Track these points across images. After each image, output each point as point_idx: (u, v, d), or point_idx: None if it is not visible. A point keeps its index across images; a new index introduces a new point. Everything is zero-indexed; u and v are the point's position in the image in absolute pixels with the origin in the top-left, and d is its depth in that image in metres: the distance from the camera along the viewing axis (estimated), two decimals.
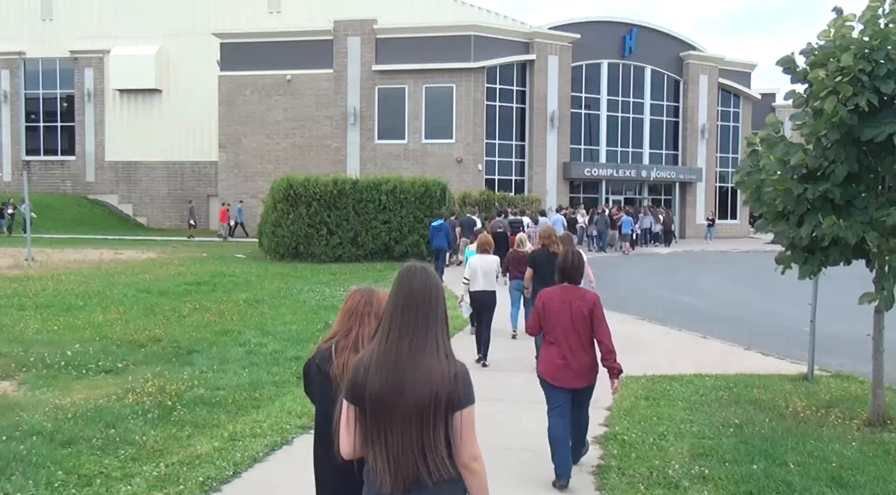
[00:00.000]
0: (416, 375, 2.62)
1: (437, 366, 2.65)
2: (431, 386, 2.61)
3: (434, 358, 2.66)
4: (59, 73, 45.27)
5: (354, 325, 3.29)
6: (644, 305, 15.48)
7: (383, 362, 2.66)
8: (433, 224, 20.61)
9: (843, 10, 6.77)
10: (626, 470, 5.95)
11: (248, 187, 37.91)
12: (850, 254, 6.92)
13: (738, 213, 45.48)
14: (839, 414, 7.67)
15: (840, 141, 6.57)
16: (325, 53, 36.89)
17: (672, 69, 42.18)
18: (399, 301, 2.73)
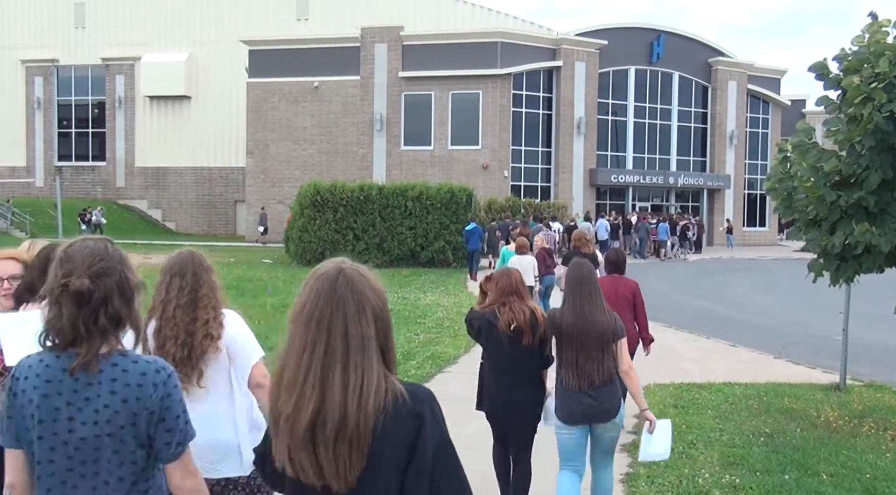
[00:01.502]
0: (594, 321, 4.51)
1: (604, 317, 4.58)
2: (605, 326, 4.55)
3: (602, 312, 4.58)
4: (90, 80, 45.98)
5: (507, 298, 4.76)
6: (672, 312, 15.37)
7: (571, 313, 4.57)
8: (466, 228, 22.25)
9: (878, 16, 6.70)
10: (656, 479, 5.90)
11: (275, 193, 38.17)
12: (884, 261, 6.83)
13: (766, 221, 44.98)
14: (872, 424, 7.56)
15: (874, 147, 6.49)
16: (353, 60, 37.10)
17: (700, 75, 41.87)
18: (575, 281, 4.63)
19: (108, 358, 2.13)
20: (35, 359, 2.15)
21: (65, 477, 2.11)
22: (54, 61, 45.85)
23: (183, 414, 2.22)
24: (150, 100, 44.89)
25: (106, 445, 2.11)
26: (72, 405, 2.10)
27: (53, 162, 45.92)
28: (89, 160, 46.36)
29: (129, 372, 2.13)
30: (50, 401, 2.09)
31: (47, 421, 2.10)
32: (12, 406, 2.14)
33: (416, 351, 10.82)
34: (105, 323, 2.12)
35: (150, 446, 2.16)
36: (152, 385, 2.14)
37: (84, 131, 46.52)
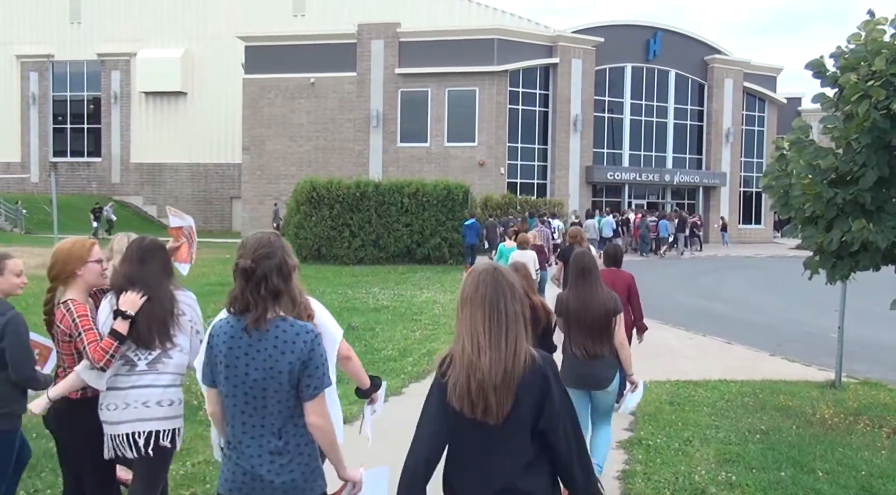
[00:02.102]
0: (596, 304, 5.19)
1: (604, 297, 5.29)
2: (605, 306, 5.28)
3: (602, 294, 5.26)
4: (86, 75, 45.86)
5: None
6: (668, 310, 15.37)
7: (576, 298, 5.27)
8: (465, 223, 22.98)
9: (875, 13, 6.69)
10: (652, 476, 5.91)
11: (271, 189, 38.12)
12: (881, 259, 6.83)
13: (762, 218, 45.07)
14: (868, 421, 7.57)
15: (871, 145, 6.49)
16: (349, 56, 37.04)
17: (697, 73, 41.90)
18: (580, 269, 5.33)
19: (272, 321, 2.89)
20: (224, 320, 2.96)
21: (243, 408, 2.90)
22: (50, 57, 45.70)
23: (322, 366, 2.93)
24: (146, 95, 44.78)
25: (270, 386, 2.86)
26: (247, 355, 2.88)
27: (49, 158, 45.80)
28: (85, 156, 46.25)
29: (287, 332, 2.89)
30: (232, 352, 2.89)
31: (230, 366, 2.88)
32: (208, 355, 2.97)
33: (413, 347, 10.82)
34: (266, 294, 2.88)
35: (297, 387, 2.88)
36: (303, 342, 2.88)
37: (79, 127, 46.40)
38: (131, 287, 3.72)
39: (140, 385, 3.70)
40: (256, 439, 2.90)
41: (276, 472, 2.88)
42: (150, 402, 3.68)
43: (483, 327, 2.63)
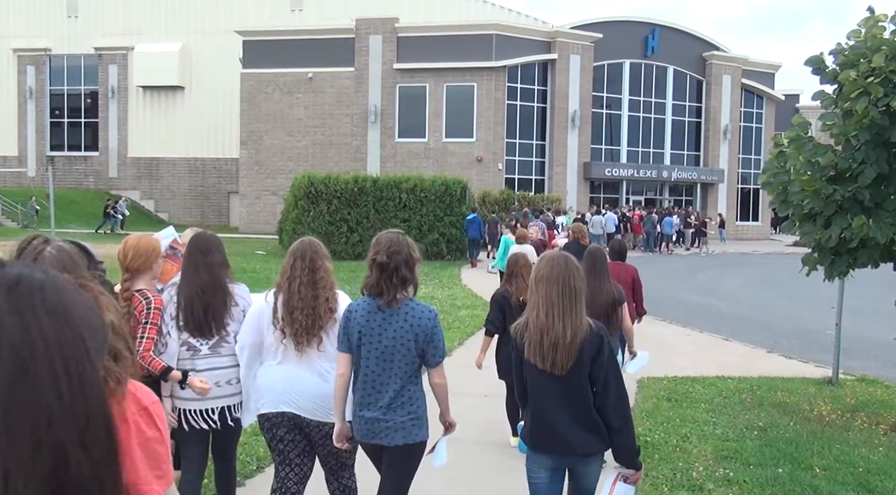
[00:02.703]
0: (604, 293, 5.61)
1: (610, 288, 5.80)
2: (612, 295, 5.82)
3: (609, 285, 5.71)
4: (83, 69, 45.71)
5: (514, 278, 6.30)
6: (665, 307, 15.39)
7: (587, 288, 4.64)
8: (468, 217, 23.51)
9: (875, 10, 6.69)
10: (650, 472, 5.91)
11: (268, 184, 38.07)
12: (879, 256, 6.84)
13: (759, 215, 45.12)
14: (864, 418, 7.59)
15: (870, 142, 6.49)
16: (347, 51, 36.98)
17: (695, 69, 41.89)
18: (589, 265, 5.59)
19: (401, 301, 3.69)
20: (361, 301, 3.75)
21: (374, 368, 3.71)
22: (47, 50, 45.54)
23: (442, 339, 3.78)
24: (144, 90, 44.66)
25: (398, 351, 3.68)
26: (381, 327, 3.68)
27: (45, 152, 45.66)
28: (82, 150, 46.11)
29: (414, 310, 3.70)
30: (368, 324, 3.69)
31: (366, 336, 3.69)
32: (346, 327, 3.75)
33: None
34: (397, 281, 3.67)
35: (422, 356, 3.72)
36: (427, 319, 3.70)
37: (76, 121, 46.26)
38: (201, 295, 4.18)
39: (206, 368, 4.18)
40: (383, 393, 3.69)
41: (395, 418, 3.68)
42: (221, 382, 4.20)
43: (556, 299, 3.47)
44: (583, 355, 3.44)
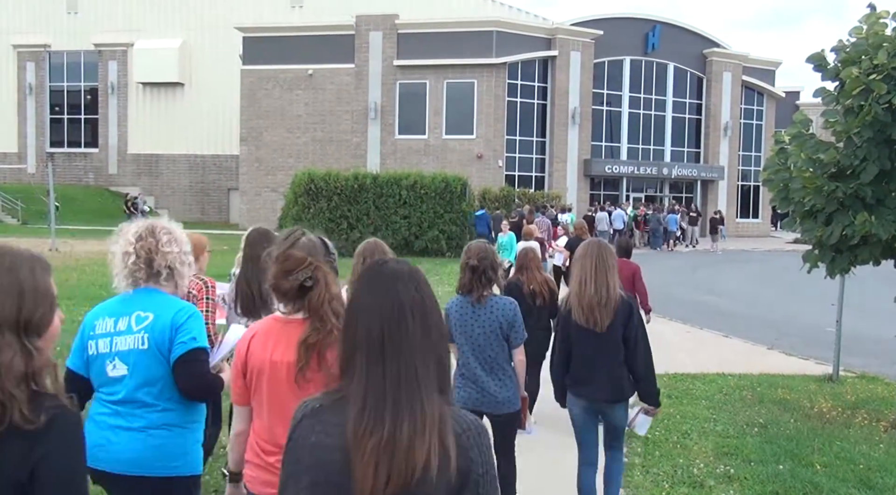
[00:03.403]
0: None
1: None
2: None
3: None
4: (83, 65, 45.63)
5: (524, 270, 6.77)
6: (666, 303, 15.39)
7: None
8: (476, 214, 24.09)
9: (876, 7, 6.68)
10: (651, 468, 5.92)
11: (268, 181, 38.04)
12: (880, 253, 6.84)
13: (759, 212, 45.10)
14: (865, 415, 7.59)
15: (872, 139, 6.49)
16: (347, 48, 36.92)
17: (695, 66, 41.84)
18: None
19: (487, 297, 4.51)
20: (456, 299, 4.60)
21: (472, 353, 4.53)
22: (46, 47, 45.46)
23: (521, 324, 4.55)
24: (143, 86, 44.60)
25: (489, 338, 4.49)
26: (473, 319, 4.52)
27: (45, 148, 45.59)
28: (81, 146, 46.05)
29: (497, 304, 4.52)
30: (462, 318, 4.53)
31: (460, 327, 4.53)
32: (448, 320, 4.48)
33: None
34: (484, 281, 4.49)
35: (507, 339, 4.51)
36: (509, 310, 4.51)
37: (76, 117, 46.21)
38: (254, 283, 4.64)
39: None
40: (483, 372, 4.52)
41: (497, 390, 4.52)
42: None
43: (591, 272, 4.48)
44: (616, 317, 4.47)
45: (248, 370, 2.73)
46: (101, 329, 3.04)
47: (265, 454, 2.69)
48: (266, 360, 2.66)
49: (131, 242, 3.12)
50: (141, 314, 3.03)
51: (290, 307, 2.69)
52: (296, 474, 1.76)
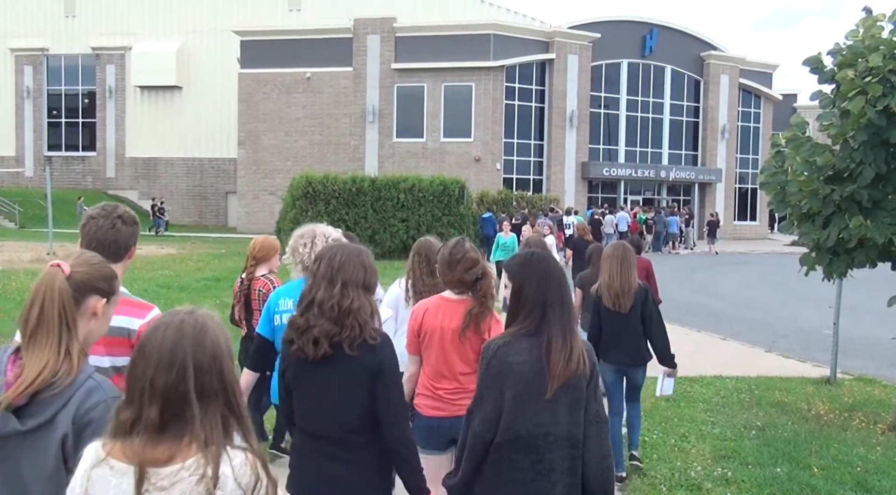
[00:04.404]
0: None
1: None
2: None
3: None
4: (81, 69, 45.64)
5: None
6: (663, 306, 15.38)
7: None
8: (483, 216, 24.97)
9: (872, 10, 6.69)
10: (648, 471, 5.92)
11: (266, 184, 38.05)
12: (877, 255, 6.84)
13: (757, 215, 45.15)
14: (863, 418, 7.60)
15: (868, 142, 6.50)
16: (345, 51, 36.95)
17: (692, 69, 41.91)
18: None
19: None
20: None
21: None
22: (44, 50, 45.46)
23: None
24: (141, 90, 44.59)
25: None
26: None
27: (43, 152, 45.58)
28: (79, 150, 46.04)
29: None
30: None
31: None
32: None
33: None
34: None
35: None
36: None
37: (74, 121, 46.20)
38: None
39: None
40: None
41: None
42: None
43: (616, 267, 5.65)
44: (636, 301, 5.64)
45: (421, 332, 3.89)
46: (283, 306, 4.07)
47: (433, 388, 3.87)
48: (437, 326, 3.83)
49: (298, 241, 4.29)
50: None
51: (459, 291, 3.89)
52: (492, 386, 2.88)
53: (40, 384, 2.00)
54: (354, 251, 3.09)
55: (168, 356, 1.76)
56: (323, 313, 2.90)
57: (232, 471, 1.74)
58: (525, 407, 2.82)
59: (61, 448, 1.99)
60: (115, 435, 1.77)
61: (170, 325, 1.82)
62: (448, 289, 3.93)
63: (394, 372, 2.97)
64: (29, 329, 2.06)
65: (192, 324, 1.82)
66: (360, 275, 3.00)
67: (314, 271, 3.07)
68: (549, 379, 2.81)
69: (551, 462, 2.81)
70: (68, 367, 2.05)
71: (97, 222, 2.95)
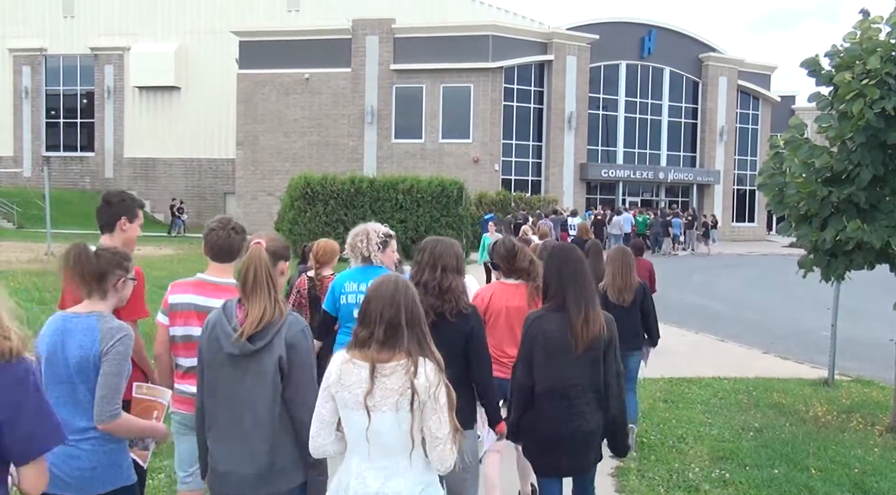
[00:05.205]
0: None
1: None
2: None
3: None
4: (79, 69, 45.58)
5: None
6: (661, 307, 15.40)
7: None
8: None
9: (869, 13, 6.70)
10: (646, 473, 5.92)
11: (265, 185, 38.03)
12: (875, 258, 6.85)
13: (755, 216, 45.18)
14: (860, 419, 7.61)
15: (866, 144, 6.51)
16: (344, 52, 36.94)
17: (691, 71, 41.93)
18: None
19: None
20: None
21: None
22: (42, 50, 45.40)
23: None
24: (140, 90, 44.54)
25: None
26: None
27: (41, 152, 45.48)
28: (78, 150, 45.97)
29: None
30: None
31: None
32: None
33: None
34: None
35: None
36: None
37: (72, 121, 46.13)
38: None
39: None
40: None
41: None
42: None
43: (619, 268, 6.50)
44: (636, 296, 6.50)
45: (488, 311, 4.88)
46: (349, 288, 4.86)
47: (498, 356, 4.64)
48: (502, 306, 4.92)
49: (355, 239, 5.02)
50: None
51: (517, 278, 5.04)
52: (529, 347, 3.85)
53: (263, 322, 3.04)
54: (448, 243, 4.15)
55: (390, 299, 2.85)
56: (428, 291, 3.85)
57: (424, 370, 2.77)
58: (556, 364, 3.76)
59: (278, 364, 3.05)
60: (354, 346, 2.87)
61: (390, 281, 2.93)
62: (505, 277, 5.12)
63: (482, 334, 3.99)
64: (248, 286, 3.10)
65: (402, 282, 2.95)
66: (454, 262, 4.04)
67: (419, 260, 4.08)
68: (574, 343, 3.74)
69: (581, 405, 3.77)
70: (279, 310, 3.11)
71: (217, 233, 3.91)
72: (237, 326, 3.06)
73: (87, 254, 3.23)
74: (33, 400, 2.21)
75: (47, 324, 3.16)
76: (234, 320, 3.10)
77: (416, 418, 2.75)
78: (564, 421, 3.72)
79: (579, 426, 3.73)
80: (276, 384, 3.04)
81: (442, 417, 2.77)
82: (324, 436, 2.91)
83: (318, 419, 2.91)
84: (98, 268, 3.20)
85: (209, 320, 3.21)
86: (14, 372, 2.18)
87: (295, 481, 3.11)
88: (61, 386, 3.04)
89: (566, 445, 3.78)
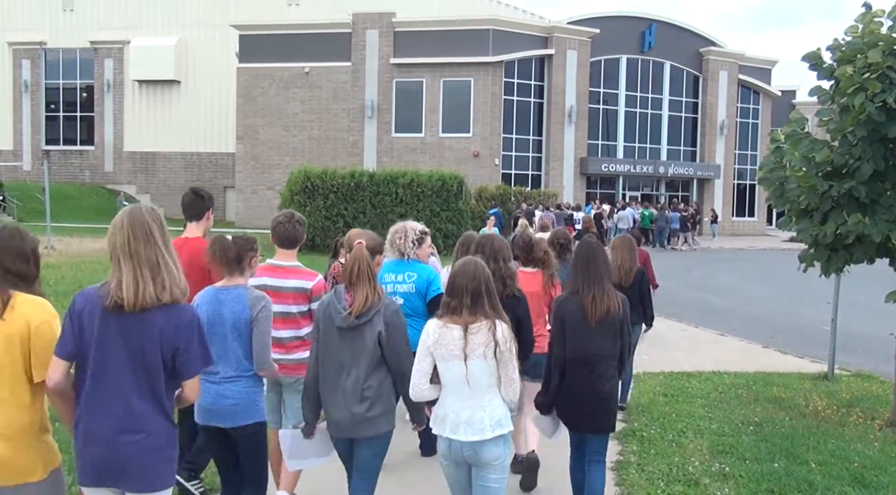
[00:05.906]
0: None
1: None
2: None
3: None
4: (79, 63, 45.54)
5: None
6: (661, 301, 15.40)
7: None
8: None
9: (871, 6, 6.68)
10: (646, 467, 5.92)
11: (264, 179, 38.01)
12: (875, 252, 6.84)
13: (755, 211, 45.17)
14: (860, 413, 7.61)
15: (867, 138, 6.49)
16: (344, 46, 36.89)
17: (691, 65, 41.87)
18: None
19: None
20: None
21: None
22: (42, 44, 45.35)
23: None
24: (139, 84, 44.51)
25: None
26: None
27: (41, 146, 45.50)
28: (77, 144, 45.96)
29: None
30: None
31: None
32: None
33: None
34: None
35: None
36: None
37: (72, 115, 46.11)
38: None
39: None
40: None
41: None
42: None
43: (625, 253, 7.25)
44: (634, 279, 7.21)
45: None
46: (388, 279, 5.44)
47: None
48: (525, 291, 5.24)
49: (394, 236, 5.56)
50: (410, 273, 5.50)
51: (534, 266, 5.79)
52: (559, 326, 4.54)
53: (367, 304, 3.91)
54: (499, 238, 5.26)
55: (472, 274, 3.72)
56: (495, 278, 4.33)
57: (501, 329, 3.65)
58: (580, 337, 4.48)
59: (378, 337, 3.90)
60: (445, 313, 3.71)
61: (471, 262, 3.81)
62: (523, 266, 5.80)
63: (528, 314, 5.04)
64: (353, 277, 3.96)
65: (480, 263, 3.82)
66: (508, 253, 5.16)
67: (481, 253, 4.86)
68: (588, 318, 4.46)
69: (601, 370, 4.50)
70: (377, 295, 3.98)
71: (284, 226, 4.82)
72: (346, 306, 3.95)
73: (228, 243, 4.13)
74: (198, 334, 3.04)
75: (200, 296, 4.07)
76: (342, 301, 3.98)
77: (498, 364, 3.65)
78: (585, 384, 4.47)
79: (598, 387, 4.47)
80: (374, 353, 3.92)
81: (514, 364, 3.69)
82: (424, 384, 3.73)
83: (419, 371, 3.74)
84: (237, 252, 4.10)
85: (324, 300, 4.12)
86: (186, 313, 3.03)
87: (383, 427, 3.98)
88: (218, 343, 3.87)
89: (587, 403, 4.51)
